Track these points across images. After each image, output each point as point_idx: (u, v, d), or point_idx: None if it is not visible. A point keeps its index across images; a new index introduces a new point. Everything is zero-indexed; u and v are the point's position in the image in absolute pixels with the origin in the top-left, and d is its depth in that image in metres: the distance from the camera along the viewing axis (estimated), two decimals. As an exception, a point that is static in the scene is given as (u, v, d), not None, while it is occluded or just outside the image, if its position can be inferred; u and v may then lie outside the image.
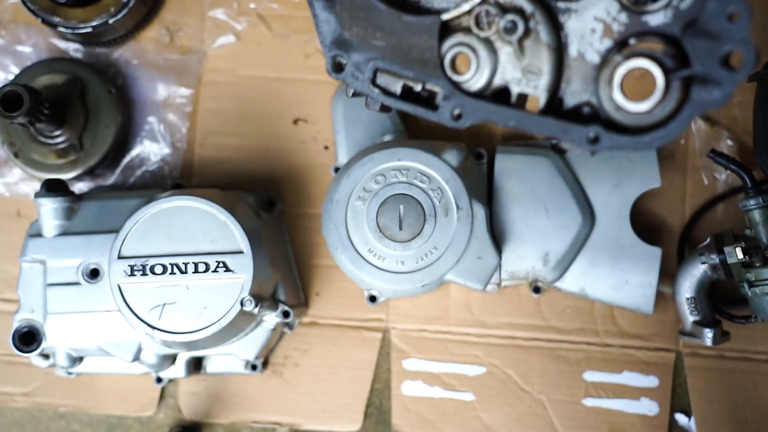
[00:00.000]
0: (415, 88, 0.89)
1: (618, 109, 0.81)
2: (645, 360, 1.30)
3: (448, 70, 0.87)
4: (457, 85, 0.87)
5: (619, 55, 0.81)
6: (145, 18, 1.33)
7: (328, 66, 0.89)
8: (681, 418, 1.30)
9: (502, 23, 0.83)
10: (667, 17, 0.80)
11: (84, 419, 1.34)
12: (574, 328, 1.30)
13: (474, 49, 0.85)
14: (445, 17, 0.85)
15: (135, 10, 1.28)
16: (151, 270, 1.13)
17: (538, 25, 0.83)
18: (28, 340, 1.17)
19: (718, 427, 1.28)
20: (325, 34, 0.90)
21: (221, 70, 1.36)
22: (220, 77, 1.36)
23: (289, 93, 1.35)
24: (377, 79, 0.89)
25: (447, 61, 0.86)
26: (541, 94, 0.84)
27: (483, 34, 0.85)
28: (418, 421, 1.31)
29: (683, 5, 0.79)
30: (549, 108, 0.85)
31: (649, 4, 0.80)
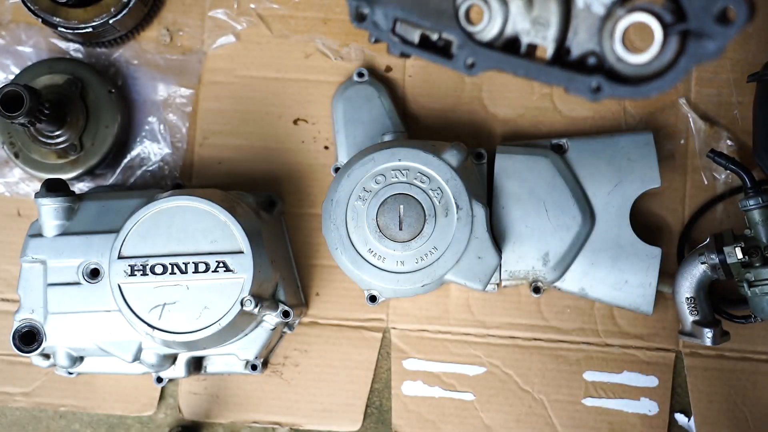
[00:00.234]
0: (432, 37, 0.93)
1: (619, 60, 0.85)
2: (645, 360, 1.30)
3: (462, 20, 0.91)
4: (471, 35, 0.90)
5: (622, 9, 0.85)
6: (145, 18, 1.33)
7: (351, 16, 0.94)
8: (681, 418, 1.30)
9: None
10: None
11: (84, 419, 1.34)
12: (574, 328, 1.30)
13: (486, 1, 0.89)
14: None
15: (135, 10, 1.28)
16: (152, 270, 1.13)
17: None
18: (29, 340, 1.17)
19: (718, 427, 1.28)
20: None
21: (221, 70, 1.36)
22: (220, 77, 1.36)
23: (289, 93, 1.35)
24: (396, 28, 0.93)
25: (461, 12, 0.90)
26: (549, 45, 0.88)
27: None
28: (418, 421, 1.31)
29: None
30: (556, 58, 0.89)
31: None
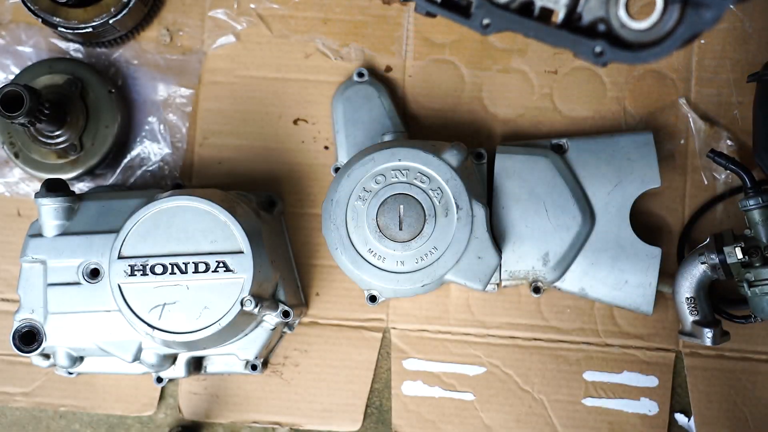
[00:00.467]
0: None
1: (622, 26, 0.89)
2: (645, 360, 1.30)
3: None
4: None
5: None
6: (145, 18, 1.33)
7: None
8: (681, 418, 1.30)
9: None
10: None
11: (84, 419, 1.34)
12: (574, 328, 1.30)
13: None
14: None
15: (135, 10, 1.28)
16: (152, 270, 1.13)
17: None
18: (29, 340, 1.17)
19: (718, 427, 1.28)
20: None
21: (221, 70, 1.36)
22: (220, 77, 1.36)
23: (289, 93, 1.35)
24: None
25: None
26: (561, 9, 0.92)
27: None
28: (418, 421, 1.31)
29: None
30: (566, 23, 0.93)
31: None
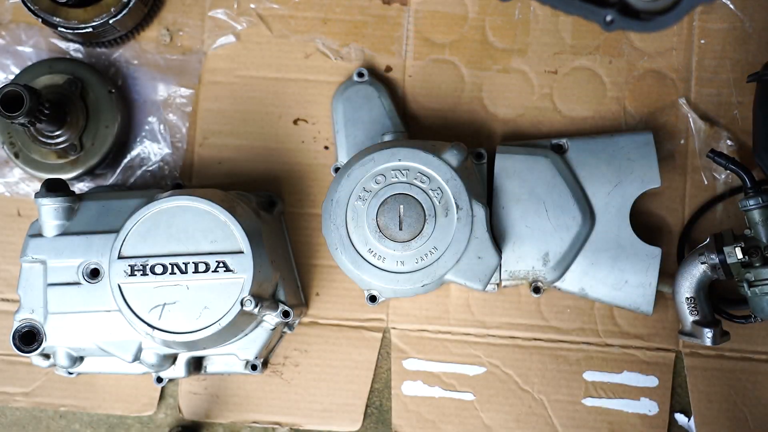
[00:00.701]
0: None
1: None
2: (645, 360, 1.30)
3: None
4: None
5: None
6: (145, 18, 1.33)
7: None
8: (681, 418, 1.30)
9: None
10: None
11: (84, 419, 1.34)
12: (574, 328, 1.30)
13: None
14: None
15: (135, 10, 1.28)
16: (152, 270, 1.13)
17: None
18: (29, 340, 1.17)
19: (718, 427, 1.28)
20: None
21: (221, 70, 1.36)
22: (220, 77, 1.36)
23: (289, 93, 1.35)
24: None
25: None
26: None
27: None
28: (418, 421, 1.31)
29: None
30: None
31: None
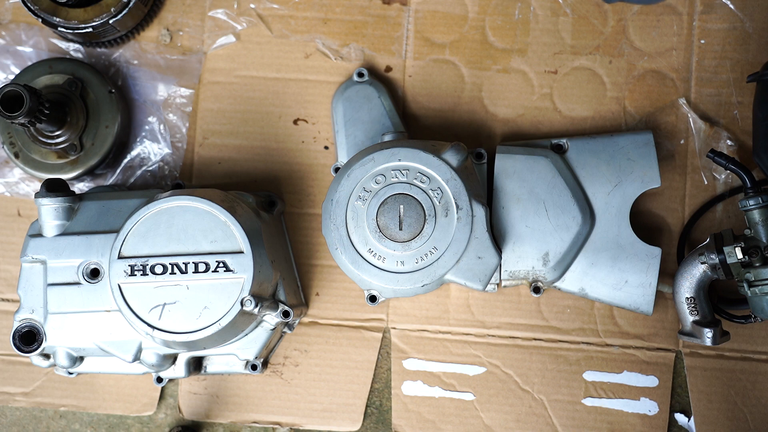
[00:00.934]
0: None
1: None
2: (645, 360, 1.30)
3: None
4: None
5: None
6: (145, 18, 1.33)
7: None
8: (681, 418, 1.30)
9: None
10: None
11: (84, 419, 1.34)
12: (574, 328, 1.30)
13: None
14: None
15: (135, 10, 1.28)
16: (152, 270, 1.13)
17: None
18: (29, 340, 1.17)
19: (718, 427, 1.29)
20: None
21: (221, 70, 1.36)
22: (220, 77, 1.36)
23: (289, 93, 1.35)
24: None
25: None
26: None
27: None
28: (418, 421, 1.31)
29: None
30: None
31: None
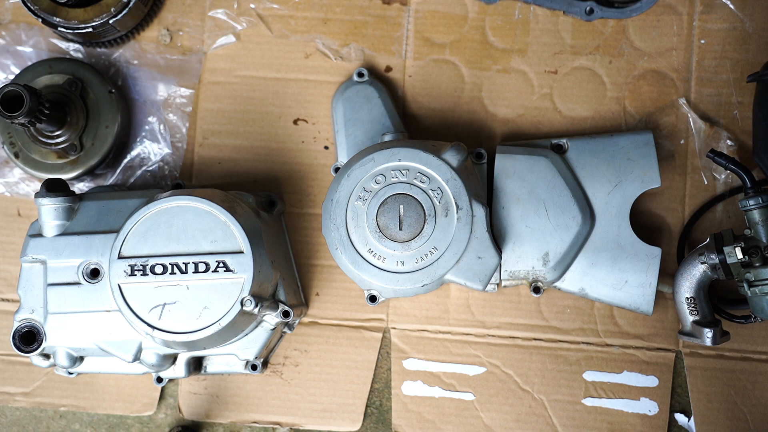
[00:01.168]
0: None
1: None
2: (645, 360, 1.30)
3: None
4: None
5: None
6: (145, 18, 1.33)
7: None
8: (681, 418, 1.30)
9: None
10: None
11: (84, 419, 1.34)
12: (574, 328, 1.30)
13: None
14: None
15: (135, 10, 1.28)
16: (152, 270, 1.13)
17: None
18: (29, 340, 1.17)
19: (718, 427, 1.29)
20: None
21: (221, 70, 1.36)
22: (220, 77, 1.36)
23: (289, 93, 1.35)
24: None
25: None
26: None
27: None
28: (418, 421, 1.31)
29: None
30: None
31: None
